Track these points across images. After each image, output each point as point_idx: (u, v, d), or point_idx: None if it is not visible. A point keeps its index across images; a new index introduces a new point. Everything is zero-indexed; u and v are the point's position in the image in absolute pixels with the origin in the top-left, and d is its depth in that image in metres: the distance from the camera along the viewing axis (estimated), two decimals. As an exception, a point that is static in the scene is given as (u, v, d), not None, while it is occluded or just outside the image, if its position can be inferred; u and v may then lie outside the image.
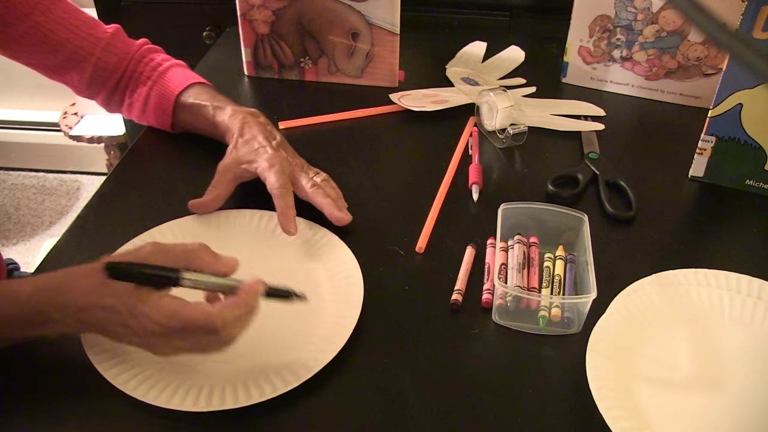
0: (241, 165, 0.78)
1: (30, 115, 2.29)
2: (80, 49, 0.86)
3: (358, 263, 0.71)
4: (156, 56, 0.91)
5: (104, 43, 0.87)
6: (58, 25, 0.84)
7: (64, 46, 0.85)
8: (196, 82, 0.89)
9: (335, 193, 0.80)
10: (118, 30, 0.90)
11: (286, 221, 0.74)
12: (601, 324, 0.65)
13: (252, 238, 0.77)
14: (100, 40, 0.87)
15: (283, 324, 0.66)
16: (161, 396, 0.58)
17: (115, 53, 0.88)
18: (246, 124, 0.82)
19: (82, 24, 0.86)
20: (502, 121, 0.92)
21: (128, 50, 0.89)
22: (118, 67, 0.89)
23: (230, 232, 0.77)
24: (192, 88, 0.88)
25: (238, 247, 0.74)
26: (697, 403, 0.61)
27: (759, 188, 0.87)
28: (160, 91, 0.88)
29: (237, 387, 0.59)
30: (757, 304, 0.69)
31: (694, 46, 0.99)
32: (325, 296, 0.70)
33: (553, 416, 0.60)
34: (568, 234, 0.75)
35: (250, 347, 0.61)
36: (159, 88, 0.89)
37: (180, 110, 0.89)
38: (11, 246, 2.10)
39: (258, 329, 0.59)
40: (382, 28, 1.01)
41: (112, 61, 0.88)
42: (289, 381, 0.60)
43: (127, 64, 0.89)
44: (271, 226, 0.77)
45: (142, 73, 0.89)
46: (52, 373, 0.62)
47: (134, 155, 0.91)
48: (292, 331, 0.66)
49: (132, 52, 0.90)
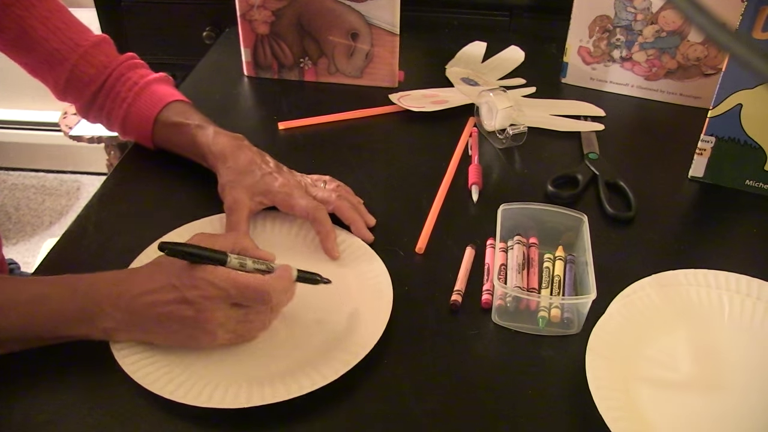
0: (254, 198, 0.75)
1: (30, 115, 2.29)
2: (56, 51, 0.83)
3: (386, 267, 0.71)
4: (134, 74, 0.87)
5: (82, 51, 0.84)
6: (39, 23, 0.82)
7: (41, 46, 0.82)
8: (173, 101, 0.86)
9: (355, 200, 0.80)
10: (104, 40, 0.87)
11: (332, 247, 0.74)
12: (601, 324, 0.65)
13: (271, 243, 0.76)
14: (79, 47, 0.84)
15: (316, 327, 0.67)
16: (189, 394, 0.59)
17: (93, 64, 0.85)
18: (235, 148, 0.79)
19: (65, 27, 0.84)
20: (501, 122, 0.92)
21: (108, 64, 0.86)
22: (95, 80, 0.85)
23: (254, 237, 0.76)
24: (170, 107, 0.85)
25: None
26: (697, 404, 0.61)
27: (759, 188, 0.87)
28: (136, 113, 0.85)
29: (263, 384, 0.60)
30: (757, 305, 0.69)
31: (694, 46, 0.99)
32: (354, 302, 0.70)
33: (553, 416, 0.60)
34: (568, 234, 0.75)
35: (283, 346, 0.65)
36: (136, 109, 0.85)
37: (159, 130, 0.85)
38: (11, 246, 2.10)
39: (289, 331, 0.65)
40: (382, 29, 1.01)
41: (89, 72, 0.85)
42: (327, 375, 0.61)
43: (105, 79, 0.85)
44: (294, 230, 0.77)
45: (119, 94, 0.86)
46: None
47: (134, 155, 0.91)
48: (322, 334, 0.67)
49: (111, 67, 0.86)
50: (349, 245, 0.75)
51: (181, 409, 0.58)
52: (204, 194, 0.81)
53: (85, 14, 0.93)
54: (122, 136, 0.90)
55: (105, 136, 1.99)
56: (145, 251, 0.72)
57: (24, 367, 0.62)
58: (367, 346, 0.63)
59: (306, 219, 0.75)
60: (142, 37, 1.55)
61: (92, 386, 0.61)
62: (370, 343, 0.63)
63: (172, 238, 0.75)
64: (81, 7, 0.88)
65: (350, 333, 0.65)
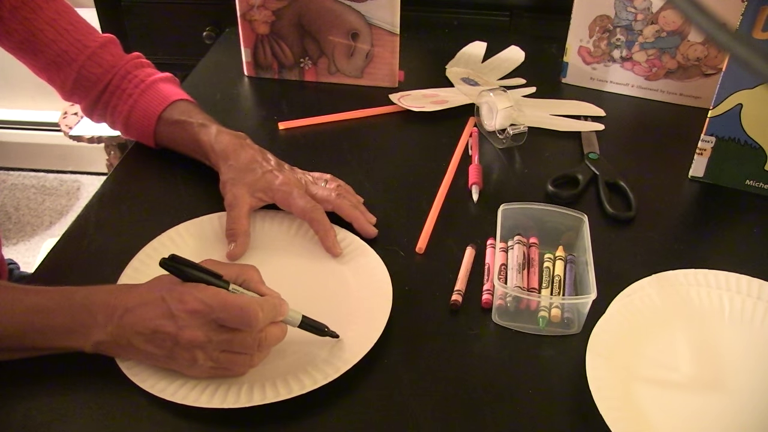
0: (255, 194, 0.76)
1: (30, 115, 2.29)
2: (65, 53, 0.84)
3: (385, 266, 0.71)
4: (140, 72, 0.87)
5: (90, 52, 0.85)
6: (46, 26, 0.82)
7: (48, 48, 0.83)
8: (179, 99, 0.86)
9: (355, 199, 0.80)
10: (111, 41, 0.88)
11: (333, 244, 0.74)
12: (601, 324, 0.65)
13: (271, 240, 0.76)
14: (87, 48, 0.84)
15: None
16: (190, 394, 0.59)
17: (101, 64, 0.85)
18: (237, 146, 0.79)
19: (72, 28, 0.84)
20: (502, 122, 0.92)
21: (115, 63, 0.86)
22: (102, 79, 0.86)
23: (253, 235, 0.76)
24: (175, 106, 0.85)
25: (262, 249, 0.75)
26: (697, 404, 0.61)
27: (759, 188, 0.87)
28: (141, 110, 0.85)
29: (265, 385, 0.60)
30: (757, 304, 0.69)
31: (694, 46, 0.99)
32: (353, 299, 0.70)
33: (553, 416, 0.60)
34: (568, 234, 0.75)
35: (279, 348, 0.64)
36: (140, 106, 0.86)
37: (162, 128, 0.86)
38: (11, 246, 2.10)
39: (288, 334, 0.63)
40: (382, 29, 1.01)
41: (96, 72, 0.85)
42: (328, 373, 0.61)
43: (111, 78, 0.86)
44: (293, 229, 0.77)
45: (125, 91, 0.86)
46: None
47: (134, 155, 0.91)
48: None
49: (118, 66, 0.86)
50: (348, 244, 0.75)
51: (181, 410, 0.58)
52: (204, 194, 0.82)
53: (85, 14, 0.92)
54: (124, 134, 0.90)
55: (105, 136, 1.99)
56: (137, 256, 0.72)
57: (25, 367, 0.62)
58: (367, 345, 0.63)
59: (303, 220, 0.76)
60: (142, 37, 1.55)
61: (93, 387, 0.61)
62: (370, 342, 0.63)
63: (171, 236, 0.75)
64: (81, 7, 0.88)
65: (350, 332, 0.65)
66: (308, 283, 0.72)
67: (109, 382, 0.61)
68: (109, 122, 0.90)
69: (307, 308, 0.65)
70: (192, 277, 0.59)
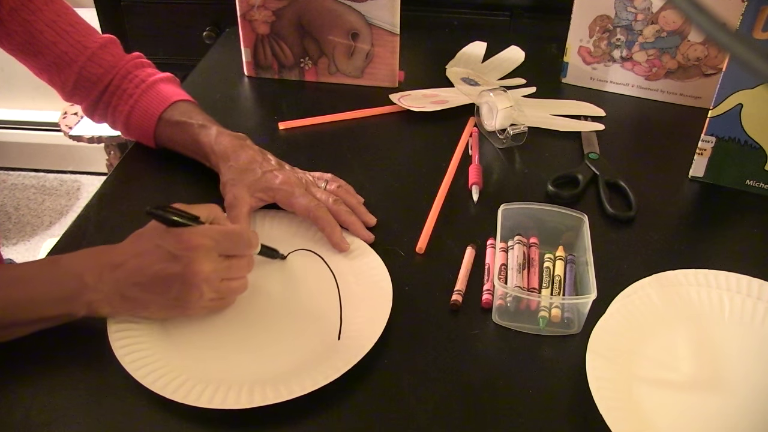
0: (255, 195, 0.76)
1: (30, 115, 2.29)
2: (65, 54, 0.83)
3: (385, 266, 0.71)
4: (141, 72, 0.87)
5: (90, 53, 0.84)
6: (46, 27, 0.82)
7: (49, 49, 0.83)
8: (179, 100, 0.86)
9: (355, 200, 0.80)
10: (111, 41, 0.87)
11: (340, 240, 0.74)
12: (601, 324, 0.65)
13: (271, 240, 0.75)
14: (87, 49, 0.84)
15: (314, 325, 0.67)
16: (190, 394, 0.59)
17: (101, 65, 0.85)
18: (237, 147, 0.79)
19: (72, 30, 0.84)
20: (502, 122, 0.92)
21: (116, 63, 0.86)
22: (102, 79, 0.86)
23: None
24: (175, 107, 0.85)
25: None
26: (697, 404, 0.61)
27: (759, 188, 0.87)
28: (142, 110, 0.85)
29: (266, 386, 0.60)
30: (757, 304, 0.69)
31: (694, 46, 0.99)
32: (354, 299, 0.70)
33: (553, 417, 0.60)
34: (568, 234, 0.75)
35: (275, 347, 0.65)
36: (141, 106, 0.85)
37: (163, 128, 0.86)
38: (11, 246, 2.10)
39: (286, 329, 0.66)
40: (382, 29, 1.01)
41: (97, 72, 0.85)
42: (328, 375, 0.61)
43: (111, 78, 0.86)
44: (293, 228, 0.77)
45: (125, 91, 0.86)
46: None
47: (134, 155, 0.91)
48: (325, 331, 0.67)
49: (119, 66, 0.86)
50: (348, 244, 0.75)
51: (182, 410, 0.58)
52: (204, 194, 0.82)
53: (85, 14, 0.93)
54: (124, 134, 0.90)
55: (105, 136, 1.99)
56: None
57: (25, 367, 0.62)
58: (367, 345, 0.63)
59: (307, 218, 0.75)
60: (142, 37, 1.55)
61: (93, 386, 0.61)
62: (370, 342, 0.63)
63: None
64: (81, 7, 0.88)
65: (350, 333, 0.65)
66: (308, 283, 0.72)
67: (109, 382, 0.61)
68: (109, 122, 0.90)
69: (307, 308, 0.65)
70: (176, 222, 0.62)
